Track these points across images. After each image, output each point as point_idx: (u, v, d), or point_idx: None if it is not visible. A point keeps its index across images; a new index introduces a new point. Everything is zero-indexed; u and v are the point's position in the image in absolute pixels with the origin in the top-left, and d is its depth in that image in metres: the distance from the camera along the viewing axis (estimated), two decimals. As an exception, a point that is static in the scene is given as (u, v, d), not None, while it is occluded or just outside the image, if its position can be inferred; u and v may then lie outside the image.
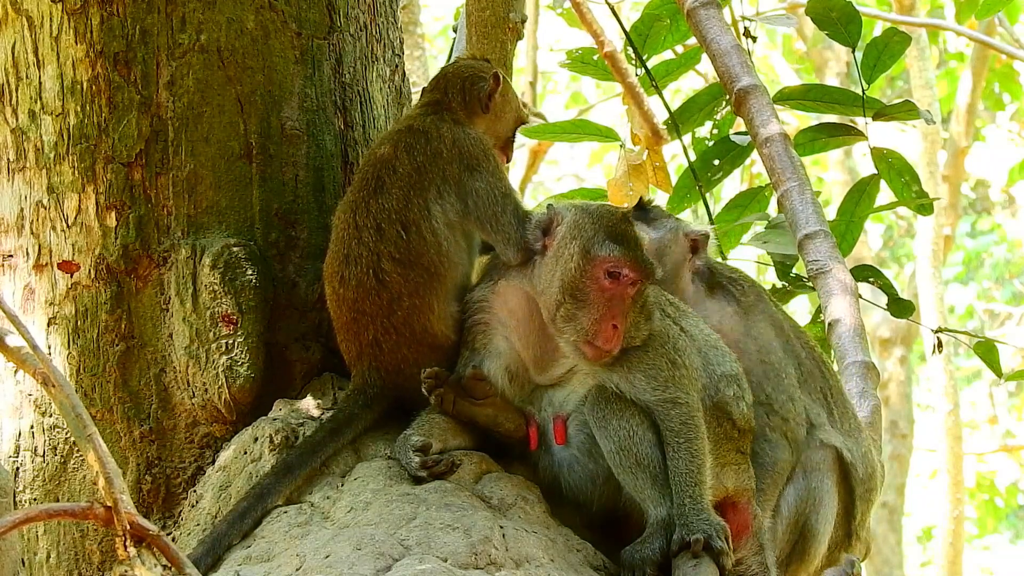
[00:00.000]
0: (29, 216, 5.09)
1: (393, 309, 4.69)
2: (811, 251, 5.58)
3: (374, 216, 4.72)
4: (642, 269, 4.62)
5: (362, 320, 4.72)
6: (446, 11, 18.54)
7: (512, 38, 5.16)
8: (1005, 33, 14.72)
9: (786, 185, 5.65)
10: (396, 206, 4.71)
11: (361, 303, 4.71)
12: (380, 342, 4.71)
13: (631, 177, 6.81)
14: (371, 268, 4.69)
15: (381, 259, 4.69)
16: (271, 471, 4.60)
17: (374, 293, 4.69)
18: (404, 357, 4.71)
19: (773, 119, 5.72)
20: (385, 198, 4.72)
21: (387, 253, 4.69)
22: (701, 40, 5.94)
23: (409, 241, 4.69)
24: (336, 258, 4.77)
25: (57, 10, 5.06)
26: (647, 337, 4.65)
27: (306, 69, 5.20)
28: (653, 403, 4.59)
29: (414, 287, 4.69)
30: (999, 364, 6.26)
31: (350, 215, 4.76)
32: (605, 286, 4.60)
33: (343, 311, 4.76)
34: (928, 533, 21.63)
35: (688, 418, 4.57)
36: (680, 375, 4.63)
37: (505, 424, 4.71)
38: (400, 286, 4.69)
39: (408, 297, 4.69)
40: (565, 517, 4.67)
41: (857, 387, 5.43)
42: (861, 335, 5.52)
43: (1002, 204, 22.73)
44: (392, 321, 4.70)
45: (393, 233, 4.69)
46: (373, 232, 4.70)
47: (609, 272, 4.60)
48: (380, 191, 4.73)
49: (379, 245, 4.69)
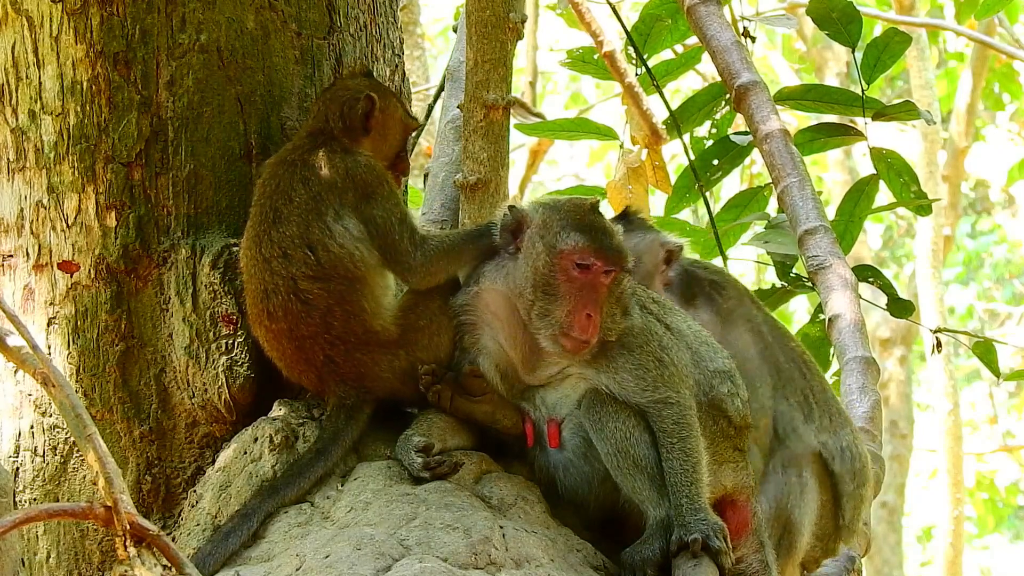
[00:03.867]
0: (29, 216, 5.09)
1: (329, 323, 4.66)
2: (811, 247, 5.58)
3: (278, 245, 4.69)
4: (611, 256, 4.60)
5: (306, 345, 4.68)
6: (446, 11, 18.53)
7: (512, 38, 5.15)
8: (1005, 33, 14.71)
9: (786, 181, 5.65)
10: (297, 231, 4.69)
11: (297, 330, 4.67)
12: (332, 358, 4.68)
13: (630, 179, 6.81)
14: (291, 293, 4.66)
15: (297, 282, 4.66)
16: (258, 492, 4.57)
17: (304, 315, 4.66)
18: (361, 361, 4.69)
19: (773, 115, 5.72)
20: (285, 226, 4.70)
21: (301, 274, 4.66)
22: (701, 37, 5.94)
23: (319, 259, 4.67)
24: (256, 297, 4.73)
25: (57, 10, 5.06)
26: (630, 333, 4.63)
27: (306, 69, 5.20)
28: (644, 404, 4.58)
29: (338, 297, 4.66)
30: (997, 364, 6.26)
31: (255, 250, 4.73)
32: (575, 277, 4.58)
33: (284, 345, 4.71)
34: (928, 533, 21.62)
35: (680, 417, 4.56)
36: (669, 373, 4.62)
37: (503, 421, 4.71)
38: (325, 299, 4.66)
39: (338, 306, 4.66)
40: (565, 517, 4.67)
41: (857, 383, 5.44)
42: (861, 330, 5.52)
43: (1002, 204, 22.72)
44: (333, 334, 4.67)
45: (300, 256, 4.67)
46: (281, 260, 4.68)
47: (578, 263, 4.59)
48: (279, 221, 4.71)
49: (290, 269, 4.66)
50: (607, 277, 4.60)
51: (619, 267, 4.62)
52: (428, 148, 6.01)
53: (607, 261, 4.60)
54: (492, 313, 4.70)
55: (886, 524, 16.25)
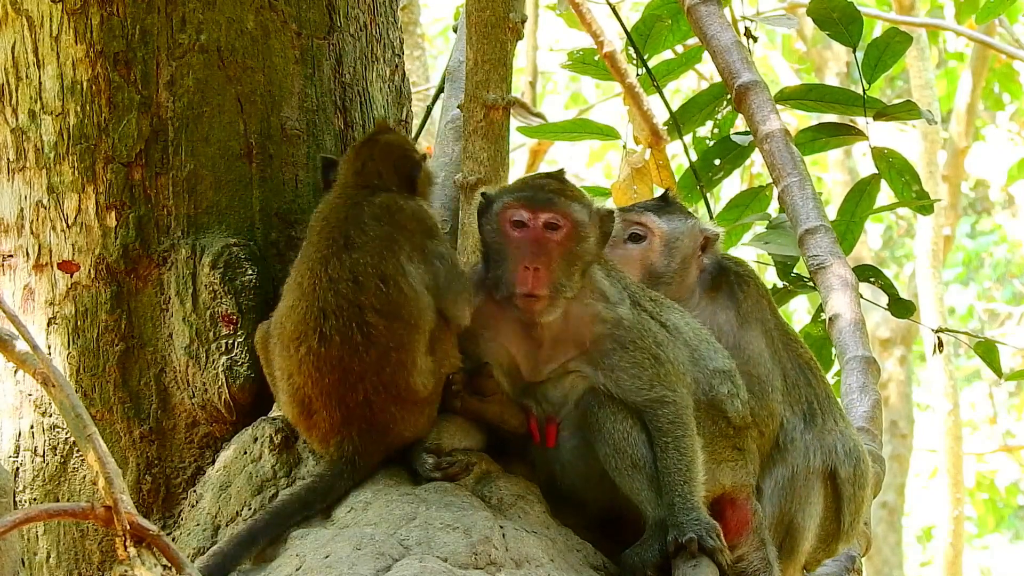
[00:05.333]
0: (29, 216, 5.09)
1: (382, 365, 4.45)
2: (812, 246, 5.59)
3: (349, 269, 4.50)
4: (538, 205, 4.54)
5: (349, 380, 4.45)
6: (446, 11, 18.54)
7: (512, 38, 5.15)
8: (1005, 33, 14.72)
9: (787, 181, 5.65)
10: (372, 261, 4.51)
11: (348, 361, 4.44)
12: (371, 403, 4.46)
13: (635, 179, 6.81)
14: (354, 321, 4.44)
15: (364, 312, 4.46)
16: (234, 538, 4.42)
17: (361, 349, 4.44)
18: (393, 416, 4.50)
19: (774, 115, 5.72)
20: (359, 253, 4.52)
21: (370, 305, 4.47)
22: (701, 37, 5.95)
23: (390, 294, 4.49)
24: (306, 314, 4.50)
25: (57, 10, 5.05)
26: (622, 328, 4.60)
27: (306, 69, 5.20)
28: (640, 404, 4.56)
29: (399, 341, 4.48)
30: (999, 364, 6.26)
31: (320, 269, 4.51)
32: (514, 237, 4.56)
33: (324, 372, 4.47)
34: (928, 533, 21.63)
35: (676, 417, 4.54)
36: (665, 371, 4.60)
37: (511, 421, 4.70)
38: (387, 340, 4.46)
39: (395, 352, 4.46)
40: (565, 517, 4.66)
41: (858, 382, 5.44)
42: (862, 330, 5.52)
43: (1002, 204, 22.72)
44: (381, 379, 4.45)
45: (372, 286, 4.49)
46: (350, 284, 4.49)
47: (512, 221, 4.57)
48: (351, 247, 4.53)
49: (360, 297, 4.47)
50: (553, 233, 4.56)
51: (554, 214, 4.55)
52: (428, 148, 6.02)
53: (536, 209, 4.54)
54: (490, 313, 4.70)
55: (886, 524, 16.25)
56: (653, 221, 5.14)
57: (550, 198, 4.58)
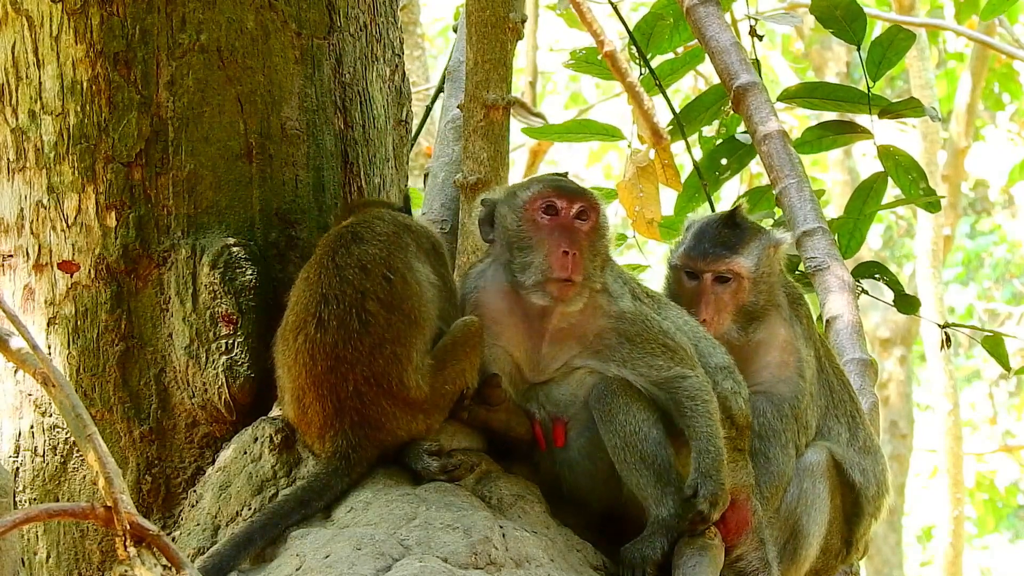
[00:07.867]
0: (29, 216, 5.09)
1: (375, 356, 4.47)
2: (809, 248, 5.59)
3: (357, 258, 4.56)
4: (573, 195, 4.62)
5: (340, 368, 4.47)
6: (446, 11, 18.53)
7: (512, 38, 5.15)
8: (1005, 33, 14.71)
9: (784, 182, 5.66)
10: (380, 254, 4.58)
11: (341, 348, 4.47)
12: (362, 393, 4.47)
13: (640, 179, 6.80)
14: (354, 308, 4.48)
15: (366, 298, 4.50)
16: (232, 538, 4.41)
17: (355, 337, 4.47)
18: (384, 411, 4.50)
19: (771, 116, 5.73)
20: (367, 246, 4.59)
21: (372, 293, 4.51)
22: (700, 38, 5.95)
23: (394, 285, 4.54)
24: (307, 303, 4.54)
25: (57, 10, 5.06)
26: (627, 321, 4.62)
27: (306, 69, 5.20)
28: (661, 381, 4.57)
29: (396, 333, 4.50)
30: (1007, 358, 6.24)
31: (328, 259, 4.57)
32: (545, 223, 4.60)
33: (318, 360, 4.48)
34: (928, 533, 21.63)
35: (700, 387, 4.57)
36: (679, 356, 4.61)
37: (517, 428, 4.70)
38: (383, 330, 4.48)
39: (390, 344, 4.48)
40: (565, 517, 4.67)
41: (855, 384, 5.44)
42: (859, 332, 5.53)
43: (1002, 204, 22.73)
44: (372, 370, 4.46)
45: (378, 274, 4.54)
46: (357, 271, 4.54)
47: (544, 209, 4.61)
48: (359, 241, 4.60)
49: (364, 283, 4.52)
50: (582, 222, 4.61)
51: (585, 204, 4.62)
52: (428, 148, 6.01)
53: (571, 199, 4.61)
54: (492, 318, 4.69)
55: (886, 524, 16.25)
56: (738, 264, 4.98)
57: (585, 192, 4.68)
